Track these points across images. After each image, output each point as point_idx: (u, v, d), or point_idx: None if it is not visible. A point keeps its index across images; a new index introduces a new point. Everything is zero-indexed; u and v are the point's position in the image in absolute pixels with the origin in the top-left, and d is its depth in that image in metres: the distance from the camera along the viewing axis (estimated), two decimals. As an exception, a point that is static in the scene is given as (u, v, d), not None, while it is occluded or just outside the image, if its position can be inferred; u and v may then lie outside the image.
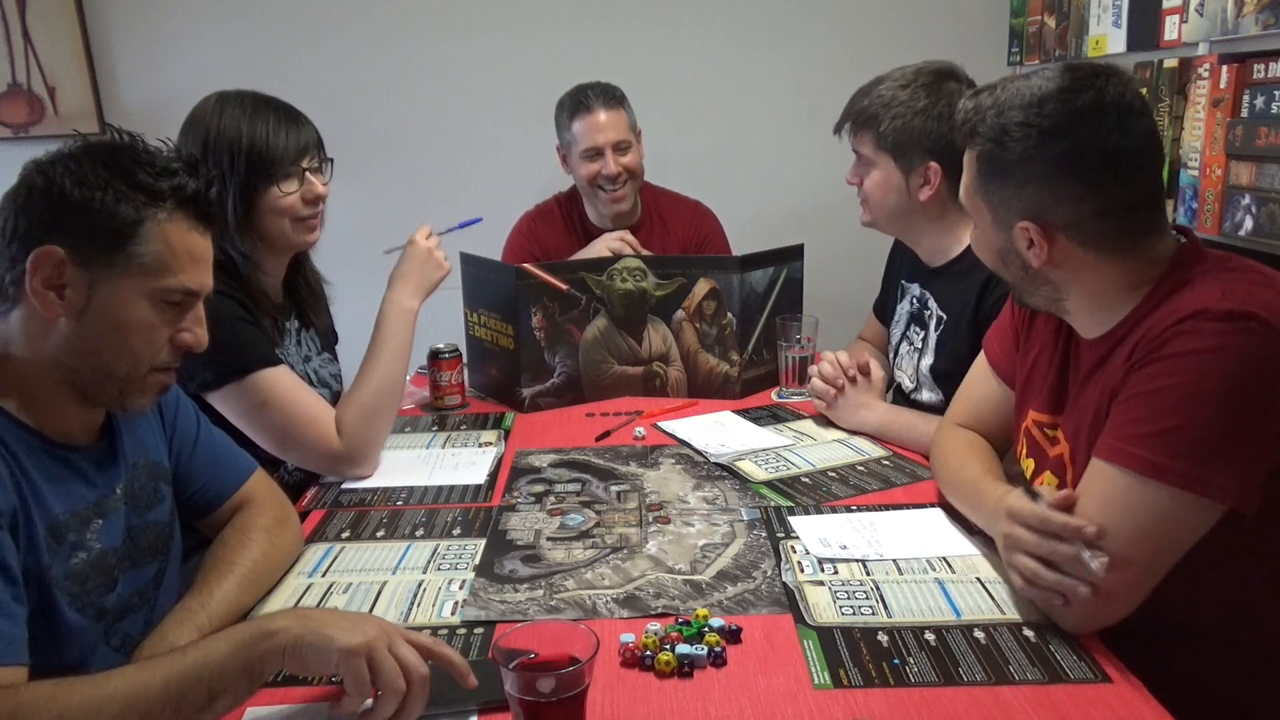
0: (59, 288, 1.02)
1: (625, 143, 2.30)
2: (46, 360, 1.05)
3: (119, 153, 1.06)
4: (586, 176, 2.32)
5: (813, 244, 2.11)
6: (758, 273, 1.99)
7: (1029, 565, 1.09)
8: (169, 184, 1.05)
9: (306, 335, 1.78)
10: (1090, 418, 1.16)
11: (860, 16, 2.96)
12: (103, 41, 2.87)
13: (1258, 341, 1.02)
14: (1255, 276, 1.09)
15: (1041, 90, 1.11)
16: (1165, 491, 1.03)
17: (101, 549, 1.09)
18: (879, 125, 1.68)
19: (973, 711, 0.96)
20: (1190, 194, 1.94)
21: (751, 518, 1.42)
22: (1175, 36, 2.01)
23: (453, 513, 1.47)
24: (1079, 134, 1.09)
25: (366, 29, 2.91)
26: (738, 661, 1.06)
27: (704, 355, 2.02)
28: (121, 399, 1.10)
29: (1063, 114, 1.09)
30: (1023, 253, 1.17)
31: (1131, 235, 1.13)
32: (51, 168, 1.03)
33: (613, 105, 2.30)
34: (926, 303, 1.82)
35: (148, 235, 1.04)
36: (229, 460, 1.33)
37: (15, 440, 1.02)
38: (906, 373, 1.85)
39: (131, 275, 1.05)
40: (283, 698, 1.01)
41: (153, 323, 1.08)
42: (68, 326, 1.04)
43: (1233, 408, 1.02)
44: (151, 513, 1.18)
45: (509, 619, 1.14)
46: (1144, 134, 1.11)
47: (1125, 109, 1.09)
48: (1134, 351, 1.10)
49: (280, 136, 1.57)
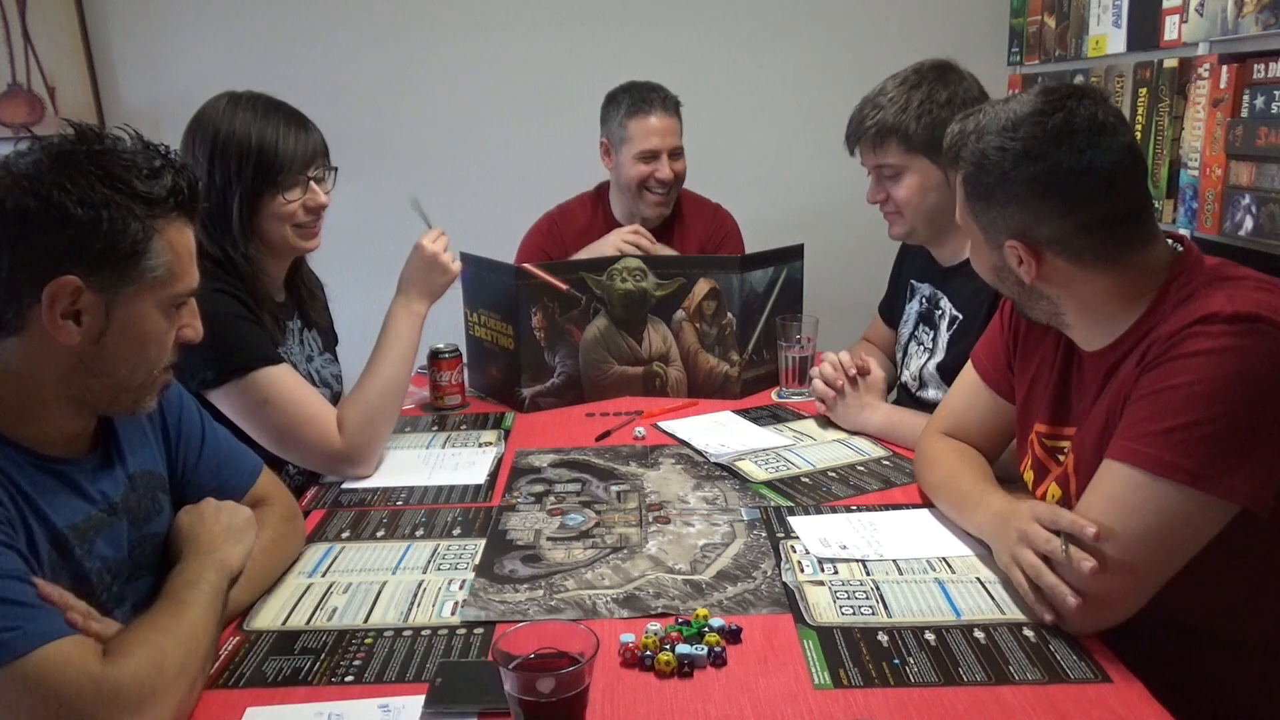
0: (75, 315, 0.99)
1: (679, 149, 2.32)
2: (49, 379, 1.03)
3: (104, 159, 1.00)
4: (637, 177, 2.29)
5: (813, 244, 2.11)
6: (758, 273, 1.99)
7: (1033, 562, 1.10)
8: (164, 187, 1.02)
9: (309, 335, 1.78)
10: (1100, 428, 1.16)
11: (860, 17, 2.96)
12: (103, 41, 2.87)
13: (1268, 342, 1.02)
14: (1256, 283, 1.11)
15: (1016, 114, 1.14)
16: (1175, 490, 1.03)
17: (105, 562, 1.09)
18: (907, 129, 1.66)
19: (973, 711, 0.96)
20: (1190, 194, 1.94)
21: (751, 518, 1.42)
22: (1175, 36, 2.01)
23: (453, 513, 1.47)
24: (1051, 155, 1.12)
25: (367, 29, 2.91)
26: (738, 661, 1.06)
27: (704, 355, 2.02)
28: (134, 405, 1.10)
29: (1035, 136, 1.12)
30: (1014, 269, 1.19)
31: (1117, 248, 1.15)
32: (40, 186, 0.96)
33: (671, 111, 2.30)
34: (938, 302, 1.81)
35: (157, 248, 1.02)
36: (236, 461, 1.32)
37: (5, 459, 1.00)
38: (912, 371, 1.85)
39: (145, 290, 1.03)
40: (283, 698, 1.01)
41: (165, 329, 1.07)
42: (83, 350, 1.01)
43: (1243, 407, 1.02)
44: (149, 525, 1.17)
45: (509, 619, 1.14)
46: (1119, 150, 1.12)
47: (1098, 127, 1.11)
48: (1144, 357, 1.10)
49: (289, 143, 1.56)
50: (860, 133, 1.71)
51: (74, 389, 1.04)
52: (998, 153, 1.14)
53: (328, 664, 1.07)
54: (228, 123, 1.55)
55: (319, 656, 1.08)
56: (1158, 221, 1.26)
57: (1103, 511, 1.06)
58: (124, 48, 2.88)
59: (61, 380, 1.03)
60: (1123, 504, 1.05)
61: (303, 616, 1.17)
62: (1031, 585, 1.11)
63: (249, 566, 1.19)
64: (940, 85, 1.67)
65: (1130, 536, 1.04)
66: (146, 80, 2.89)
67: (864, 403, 1.76)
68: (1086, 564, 1.04)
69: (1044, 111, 1.13)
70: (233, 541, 1.17)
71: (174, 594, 1.06)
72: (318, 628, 1.14)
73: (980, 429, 1.46)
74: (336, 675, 1.05)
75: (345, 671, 1.05)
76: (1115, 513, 1.05)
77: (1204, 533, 1.05)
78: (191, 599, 1.05)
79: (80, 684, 0.89)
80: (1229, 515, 1.04)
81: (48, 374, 1.02)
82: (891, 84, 1.70)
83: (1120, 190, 1.13)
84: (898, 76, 1.71)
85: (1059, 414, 1.29)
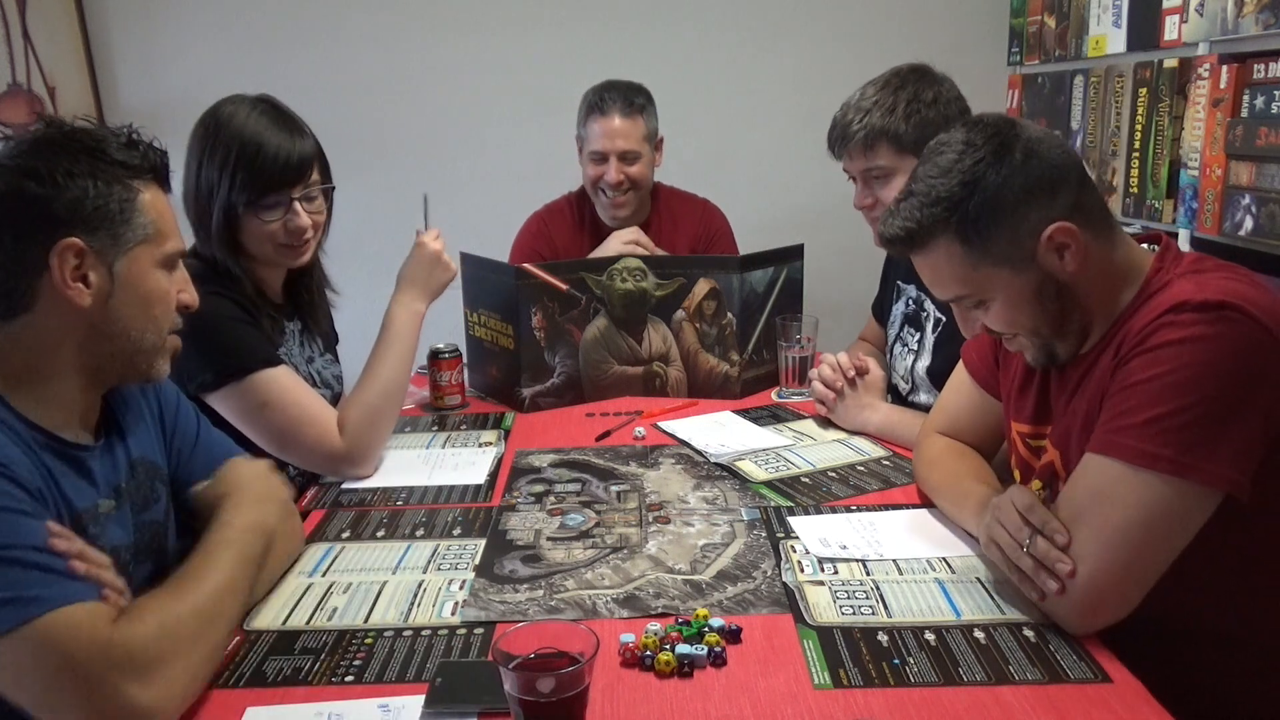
0: (83, 277, 1.05)
1: (634, 153, 2.26)
2: (67, 354, 1.07)
3: (79, 136, 1.07)
4: (590, 178, 2.32)
5: (813, 244, 2.11)
6: (758, 273, 1.99)
7: (1009, 541, 1.11)
8: (138, 155, 1.09)
9: (308, 336, 1.78)
10: (1080, 423, 1.17)
11: (860, 17, 2.96)
12: (103, 41, 2.87)
13: (1236, 328, 1.03)
14: (1226, 273, 1.12)
15: (954, 146, 1.16)
16: (1157, 480, 1.03)
17: (117, 545, 1.11)
18: (897, 130, 1.64)
19: (973, 711, 0.96)
20: (1190, 194, 1.94)
21: (751, 518, 1.42)
22: (1175, 36, 2.01)
23: (453, 513, 1.47)
24: (1021, 134, 1.14)
25: (367, 29, 2.91)
26: (738, 661, 1.06)
27: (704, 355, 2.02)
28: (148, 369, 1.14)
29: (992, 135, 1.15)
30: (1057, 269, 1.14)
31: (1108, 212, 1.18)
32: (26, 163, 1.03)
33: (630, 113, 2.25)
34: (923, 304, 1.81)
35: (141, 207, 1.08)
36: (231, 458, 1.32)
37: (33, 440, 1.03)
38: (901, 374, 1.86)
39: (140, 248, 1.09)
40: (283, 697, 1.01)
41: (166, 288, 1.13)
42: (95, 313, 1.06)
43: (1218, 393, 1.03)
44: (147, 512, 1.18)
45: (509, 619, 1.14)
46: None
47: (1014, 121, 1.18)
48: (1118, 351, 1.11)
49: (272, 161, 1.51)
50: (848, 137, 1.67)
51: (90, 356, 1.08)
52: (975, 169, 1.13)
53: (328, 664, 1.07)
54: (224, 130, 1.53)
55: (319, 656, 1.08)
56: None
57: (1085, 505, 1.07)
58: (124, 48, 2.88)
59: (78, 349, 1.08)
60: (1106, 497, 1.06)
61: (303, 616, 1.17)
62: (1011, 564, 1.12)
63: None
64: (924, 85, 1.66)
65: (1115, 529, 1.04)
66: (146, 80, 2.89)
67: (864, 403, 1.76)
68: (1063, 566, 1.05)
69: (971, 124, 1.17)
70: (274, 503, 1.23)
71: (209, 551, 1.09)
72: (318, 628, 1.14)
73: (974, 428, 1.46)
74: (336, 675, 1.05)
75: (345, 671, 1.05)
76: (1098, 506, 1.06)
77: (1190, 523, 1.05)
78: (222, 562, 1.08)
79: (89, 649, 0.90)
80: (1213, 503, 1.04)
81: (64, 345, 1.07)
82: (872, 89, 1.69)
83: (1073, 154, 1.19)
84: (876, 81, 1.70)
85: (1039, 414, 1.29)
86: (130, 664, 0.92)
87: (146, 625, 0.95)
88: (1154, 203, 2.08)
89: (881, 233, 1.23)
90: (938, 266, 1.19)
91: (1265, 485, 1.04)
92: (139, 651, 0.93)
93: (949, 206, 1.14)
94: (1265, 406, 1.03)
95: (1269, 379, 1.04)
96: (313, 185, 1.59)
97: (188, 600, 1.01)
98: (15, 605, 0.89)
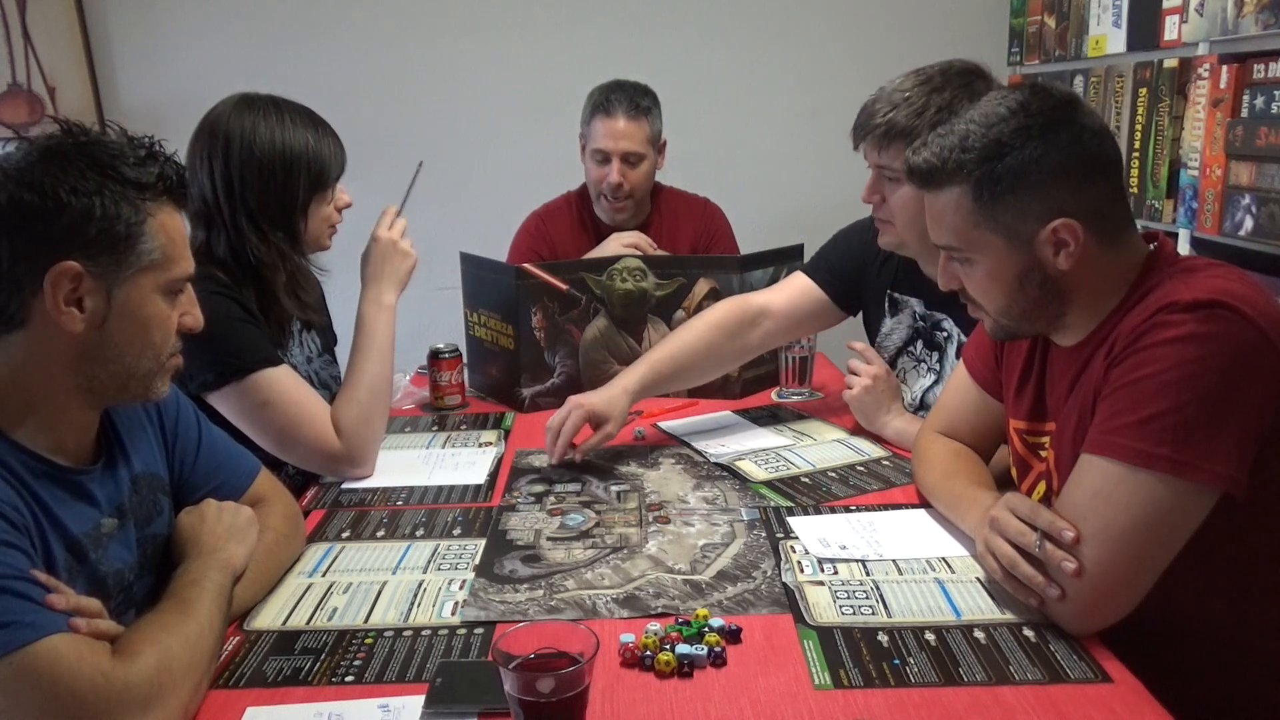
0: (78, 302, 1.00)
1: (637, 155, 2.26)
2: (58, 374, 1.03)
3: (92, 150, 1.02)
4: (593, 179, 2.32)
5: (813, 244, 2.10)
6: (758, 272, 1.99)
7: (1008, 551, 1.11)
8: (152, 174, 1.04)
9: (308, 336, 1.78)
10: (1075, 423, 1.17)
11: (861, 17, 2.96)
12: (103, 41, 2.87)
13: (1229, 326, 1.03)
14: (1218, 272, 1.11)
15: (1009, 102, 1.13)
16: (1155, 480, 1.03)
17: (120, 566, 1.09)
18: (916, 136, 1.46)
19: (973, 711, 0.96)
20: (1190, 194, 1.94)
21: (751, 518, 1.42)
22: (1175, 36, 2.01)
23: (453, 513, 1.47)
24: (1075, 120, 1.12)
25: (367, 29, 2.92)
26: (738, 661, 1.06)
27: (704, 355, 2.01)
28: (145, 391, 1.10)
29: (1050, 108, 1.12)
30: (1048, 261, 1.13)
31: (1127, 221, 1.17)
32: (33, 178, 0.98)
33: (636, 115, 2.24)
34: (939, 324, 1.73)
35: (150, 231, 1.03)
36: (234, 462, 1.32)
37: (21, 467, 1.00)
38: (914, 392, 1.78)
39: (143, 273, 1.04)
40: (283, 698, 1.01)
41: (167, 314, 1.08)
42: (88, 337, 1.02)
43: (1211, 390, 1.03)
44: (151, 526, 1.17)
45: (509, 619, 1.14)
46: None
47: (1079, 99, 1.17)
48: (1111, 350, 1.11)
49: (328, 149, 1.62)
50: (868, 128, 1.57)
51: (82, 377, 1.04)
52: (1017, 134, 1.11)
53: (328, 664, 1.07)
54: (266, 133, 1.55)
55: (319, 656, 1.08)
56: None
57: (1085, 506, 1.06)
58: (124, 48, 2.88)
59: (69, 370, 1.03)
60: (1105, 498, 1.05)
61: (303, 616, 1.17)
62: (1006, 574, 1.11)
63: (251, 567, 1.19)
64: (965, 95, 1.48)
65: (1115, 530, 1.04)
66: (146, 80, 2.89)
67: (887, 406, 1.71)
68: (1068, 565, 1.05)
69: (1037, 90, 1.14)
70: (235, 541, 1.17)
71: (179, 594, 1.06)
72: (318, 628, 1.14)
73: (973, 428, 1.46)
74: (336, 675, 1.05)
75: (345, 671, 1.05)
76: (1098, 507, 1.05)
77: (1188, 522, 1.05)
78: (196, 598, 1.05)
79: (92, 680, 0.89)
80: (1210, 501, 1.04)
81: (55, 365, 1.03)
82: (912, 80, 1.54)
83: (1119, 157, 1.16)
84: (922, 73, 1.54)
85: (1036, 410, 1.29)
86: (131, 698, 0.90)
87: (145, 659, 0.93)
88: (1154, 203, 2.08)
89: (908, 159, 1.21)
90: (943, 211, 1.18)
91: (1259, 483, 1.04)
92: (140, 686, 0.91)
93: (978, 159, 1.12)
94: (1259, 403, 1.04)
95: (1262, 376, 1.04)
96: None
97: (178, 633, 0.99)
98: (9, 629, 0.87)
